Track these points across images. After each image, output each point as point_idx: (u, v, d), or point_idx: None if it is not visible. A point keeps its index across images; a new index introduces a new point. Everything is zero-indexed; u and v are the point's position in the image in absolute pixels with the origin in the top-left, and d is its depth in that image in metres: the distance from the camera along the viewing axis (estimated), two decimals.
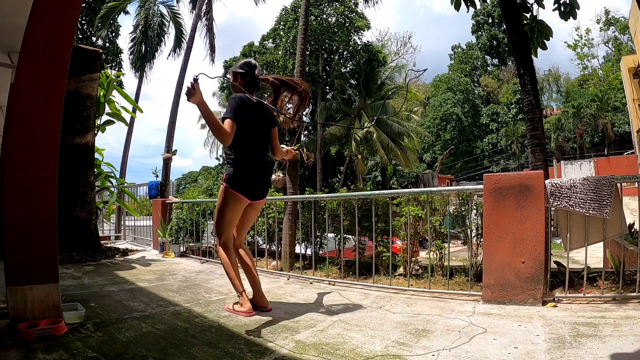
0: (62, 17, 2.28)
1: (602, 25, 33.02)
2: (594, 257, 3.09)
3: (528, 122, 3.67)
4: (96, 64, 5.03)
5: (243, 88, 2.51)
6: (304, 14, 5.55)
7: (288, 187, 4.89)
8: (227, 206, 2.48)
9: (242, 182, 2.47)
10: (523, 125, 26.84)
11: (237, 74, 2.59)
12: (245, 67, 2.60)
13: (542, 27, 3.96)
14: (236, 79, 2.59)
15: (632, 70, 14.33)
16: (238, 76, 2.59)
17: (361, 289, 3.29)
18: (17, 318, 2.03)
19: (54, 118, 2.25)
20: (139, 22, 19.08)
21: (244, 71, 2.58)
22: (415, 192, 3.49)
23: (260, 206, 2.73)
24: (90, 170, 5.17)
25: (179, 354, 1.79)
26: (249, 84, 2.57)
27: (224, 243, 2.53)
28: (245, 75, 2.58)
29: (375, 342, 1.97)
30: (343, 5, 22.22)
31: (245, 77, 2.57)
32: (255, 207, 2.65)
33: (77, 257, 4.62)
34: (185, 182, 48.79)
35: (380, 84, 23.24)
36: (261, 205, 2.75)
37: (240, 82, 2.56)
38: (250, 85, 2.57)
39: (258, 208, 2.71)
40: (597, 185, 2.50)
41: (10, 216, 2.11)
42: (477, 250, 3.26)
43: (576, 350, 1.75)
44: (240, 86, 2.52)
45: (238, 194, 2.46)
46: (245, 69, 2.58)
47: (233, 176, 2.47)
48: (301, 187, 5.33)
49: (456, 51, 42.31)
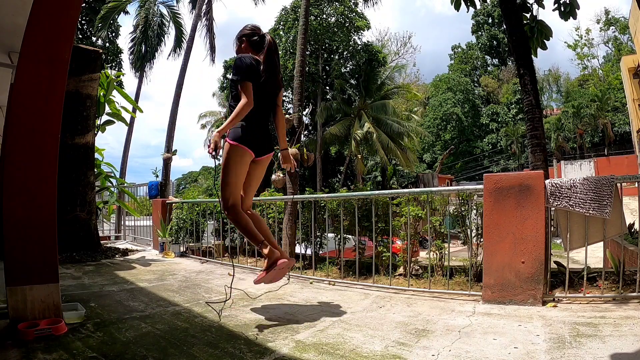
0: (62, 17, 2.28)
1: (602, 25, 33.05)
2: (594, 257, 3.09)
3: (528, 122, 3.67)
4: (96, 64, 5.03)
5: (250, 49, 2.57)
6: (304, 14, 5.56)
7: (288, 187, 4.89)
8: (232, 162, 2.44)
9: (246, 135, 2.44)
10: (523, 125, 26.85)
11: (244, 35, 2.62)
12: (252, 28, 2.63)
13: (542, 27, 3.96)
14: (242, 41, 2.62)
15: (632, 70, 14.33)
16: (244, 38, 2.62)
17: (361, 289, 3.29)
18: (17, 318, 2.03)
19: (54, 118, 2.25)
20: (139, 22, 19.07)
21: (251, 32, 2.61)
22: (415, 192, 3.49)
23: (265, 163, 2.67)
24: (90, 170, 5.17)
25: (179, 354, 1.79)
26: (256, 45, 2.59)
27: (232, 204, 2.48)
28: (251, 35, 2.60)
29: (375, 342, 1.97)
30: (343, 5, 22.23)
31: (251, 38, 2.60)
32: (261, 164, 2.62)
33: (77, 257, 4.62)
34: (185, 182, 48.82)
35: (380, 84, 23.25)
36: (266, 163, 2.69)
37: (245, 44, 2.60)
38: (257, 46, 2.59)
39: (263, 165, 2.67)
40: (597, 185, 2.50)
41: (10, 216, 2.11)
42: (477, 250, 3.26)
43: (576, 350, 1.75)
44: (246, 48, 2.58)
45: (243, 147, 2.43)
46: (252, 30, 2.62)
47: (238, 130, 2.44)
48: (301, 187, 5.33)
49: (456, 51, 42.31)
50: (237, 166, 2.46)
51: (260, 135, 2.53)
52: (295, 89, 5.41)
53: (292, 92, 17.85)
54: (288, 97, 21.83)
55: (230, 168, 2.46)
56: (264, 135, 2.57)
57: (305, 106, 22.98)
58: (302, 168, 6.70)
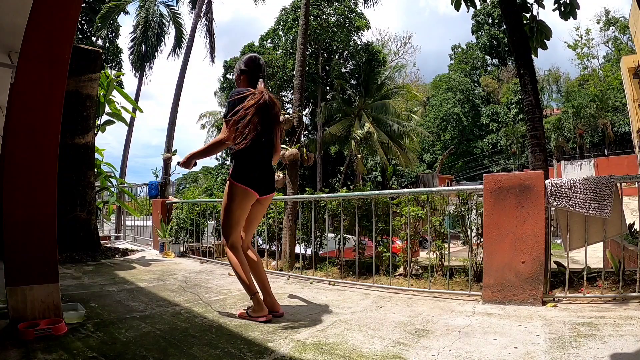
0: (62, 17, 2.28)
1: (602, 25, 33.00)
2: (594, 257, 3.09)
3: (528, 122, 3.67)
4: (96, 64, 5.03)
5: (246, 84, 2.52)
6: (303, 14, 5.56)
7: (288, 187, 4.89)
8: (234, 202, 2.38)
9: (249, 174, 2.39)
10: (523, 125, 26.82)
11: (241, 70, 2.57)
12: (248, 63, 2.56)
13: (541, 27, 3.96)
14: (240, 75, 2.57)
15: (632, 70, 14.32)
16: (240, 73, 2.57)
17: (361, 289, 3.29)
18: (17, 318, 2.03)
19: (54, 118, 2.25)
20: (139, 22, 19.07)
21: (246, 67, 2.55)
22: (415, 192, 3.49)
23: (267, 202, 2.62)
24: (90, 170, 5.17)
25: (179, 354, 1.79)
26: (252, 80, 2.54)
27: (232, 244, 2.42)
28: (246, 72, 2.55)
29: (375, 342, 1.97)
30: (343, 5, 22.22)
31: (247, 74, 2.55)
32: (263, 203, 2.56)
33: (77, 257, 4.62)
34: (185, 182, 48.76)
35: (380, 84, 23.23)
36: (268, 202, 2.64)
37: (242, 78, 2.55)
38: (253, 81, 2.54)
39: (265, 205, 2.61)
40: (597, 185, 2.50)
41: (10, 216, 2.11)
42: (477, 250, 3.26)
43: (576, 350, 1.75)
44: (244, 81, 2.54)
45: (246, 188, 2.37)
46: (248, 65, 2.56)
47: (239, 169, 2.39)
48: (301, 187, 5.33)
49: (456, 51, 42.30)
50: (239, 207, 2.40)
51: (263, 174, 2.47)
52: (295, 89, 5.41)
53: (292, 92, 17.86)
54: (288, 97, 21.84)
55: (233, 209, 2.40)
56: (267, 174, 2.51)
57: (305, 106, 22.97)
58: (302, 168, 6.70)
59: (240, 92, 2.43)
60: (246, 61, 2.58)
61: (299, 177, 5.28)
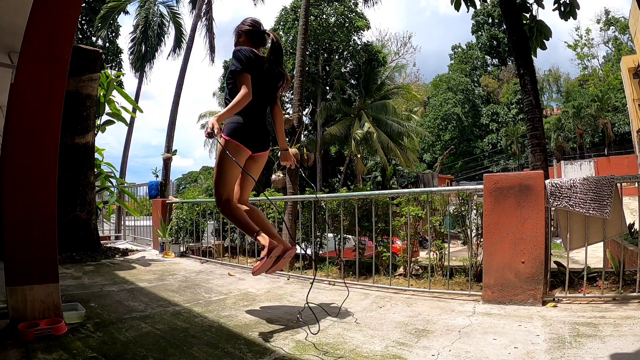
0: (62, 17, 2.28)
1: (602, 25, 33.01)
2: (594, 257, 3.09)
3: (528, 122, 3.67)
4: (96, 64, 5.03)
5: (249, 42, 2.51)
6: (304, 14, 5.56)
7: (288, 187, 4.89)
8: (227, 158, 2.32)
9: (242, 131, 2.35)
10: (523, 125, 26.83)
11: (242, 31, 2.55)
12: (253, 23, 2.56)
13: (541, 27, 3.97)
14: (240, 36, 2.55)
15: (632, 70, 14.34)
16: (243, 33, 2.55)
17: (361, 289, 3.29)
18: (17, 318, 2.03)
19: (54, 118, 2.25)
20: (139, 22, 19.06)
21: (250, 26, 2.54)
22: (415, 192, 3.49)
23: (262, 160, 2.56)
24: (90, 170, 5.17)
25: (179, 354, 1.79)
26: (255, 39, 2.53)
27: (226, 199, 2.37)
28: (250, 29, 2.53)
29: (375, 342, 1.97)
30: (343, 5, 22.23)
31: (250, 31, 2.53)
32: (258, 160, 2.51)
33: (77, 257, 4.62)
34: (185, 182, 48.78)
35: (380, 84, 23.23)
36: (263, 160, 2.57)
37: (244, 37, 2.53)
38: (256, 40, 2.54)
39: (260, 162, 2.55)
40: (597, 185, 2.50)
41: (10, 216, 2.11)
42: (477, 250, 3.26)
43: (576, 350, 1.75)
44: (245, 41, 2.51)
45: (238, 144, 2.33)
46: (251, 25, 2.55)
47: (233, 125, 2.35)
48: (301, 187, 5.33)
49: (456, 51, 42.31)
50: (231, 162, 2.33)
51: (257, 131, 2.44)
52: (295, 89, 5.41)
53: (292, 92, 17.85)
54: (288, 97, 21.84)
55: (225, 165, 2.36)
56: (261, 131, 2.48)
57: (305, 106, 22.98)
58: (303, 168, 6.69)
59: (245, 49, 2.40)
60: (250, 21, 2.56)
61: (299, 177, 5.28)
